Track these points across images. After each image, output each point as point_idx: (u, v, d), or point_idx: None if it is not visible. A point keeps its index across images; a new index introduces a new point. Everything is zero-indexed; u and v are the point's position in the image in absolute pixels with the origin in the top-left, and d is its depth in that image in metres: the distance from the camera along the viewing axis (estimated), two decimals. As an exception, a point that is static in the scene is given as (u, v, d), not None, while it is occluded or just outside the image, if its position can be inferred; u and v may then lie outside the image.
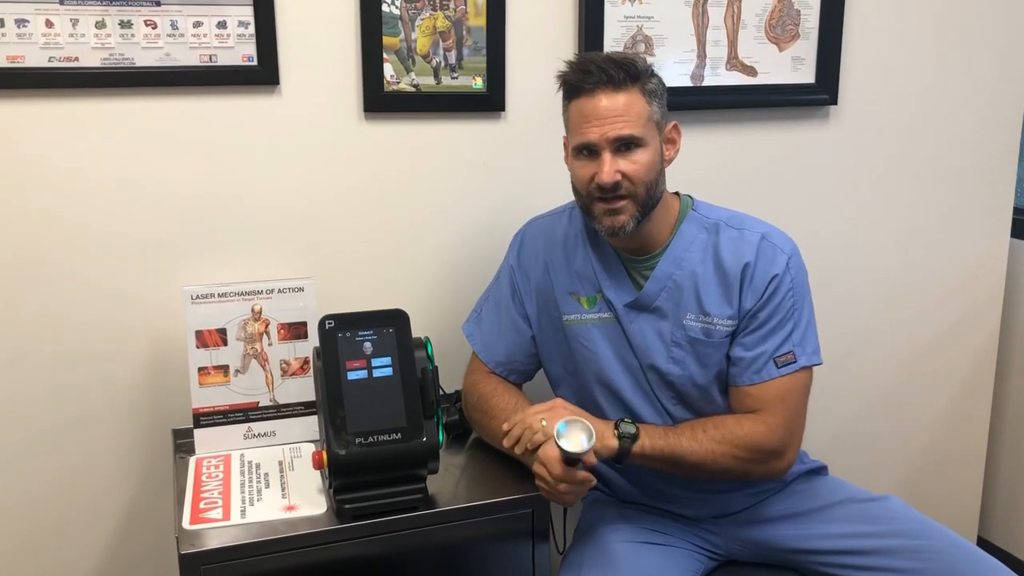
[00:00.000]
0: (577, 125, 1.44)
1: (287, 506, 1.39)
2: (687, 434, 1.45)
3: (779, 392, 1.46)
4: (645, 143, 1.42)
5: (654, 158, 1.44)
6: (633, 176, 1.42)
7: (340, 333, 1.39)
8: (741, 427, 1.45)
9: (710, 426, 1.46)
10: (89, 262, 1.62)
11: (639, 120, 1.41)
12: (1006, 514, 2.40)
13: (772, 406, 1.46)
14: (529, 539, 1.46)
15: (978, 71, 2.11)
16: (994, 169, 2.18)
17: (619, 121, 1.40)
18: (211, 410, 1.57)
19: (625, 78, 1.41)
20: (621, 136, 1.41)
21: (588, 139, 1.42)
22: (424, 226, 1.79)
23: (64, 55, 1.53)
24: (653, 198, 1.45)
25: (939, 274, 2.20)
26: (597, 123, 1.41)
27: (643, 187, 1.43)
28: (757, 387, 1.47)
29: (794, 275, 1.48)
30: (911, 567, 1.44)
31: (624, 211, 1.44)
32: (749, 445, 1.44)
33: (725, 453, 1.44)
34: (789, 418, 1.46)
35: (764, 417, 1.46)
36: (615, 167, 1.41)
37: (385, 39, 1.68)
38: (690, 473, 1.47)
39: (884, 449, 2.27)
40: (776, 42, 1.93)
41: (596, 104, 1.41)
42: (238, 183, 1.67)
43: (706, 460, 1.44)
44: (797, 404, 1.48)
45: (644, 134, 1.42)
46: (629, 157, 1.42)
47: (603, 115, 1.41)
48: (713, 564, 1.60)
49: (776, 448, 1.46)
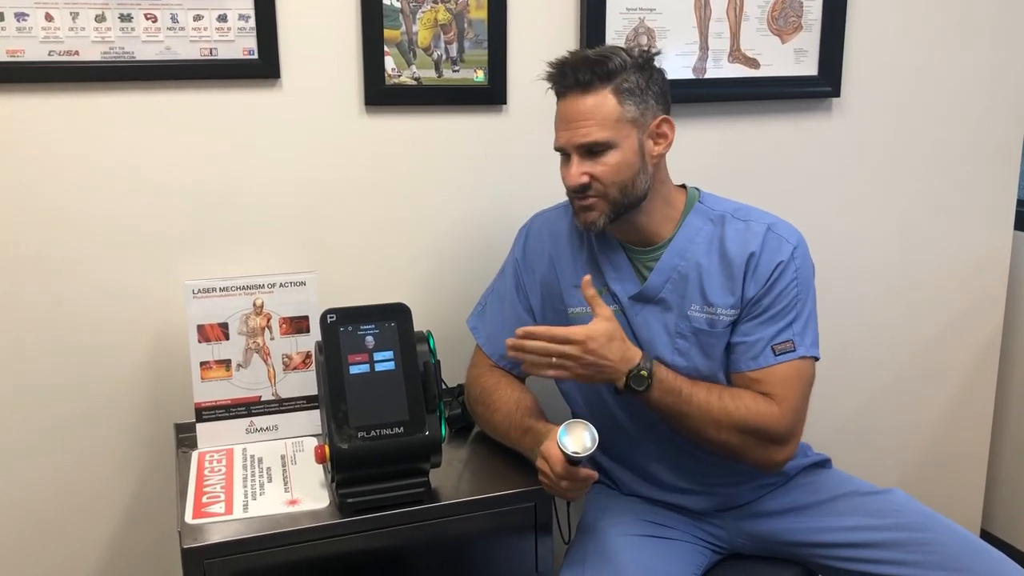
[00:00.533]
0: (556, 127, 1.47)
1: (290, 500, 1.39)
2: (705, 388, 1.44)
3: (786, 379, 1.45)
4: (614, 144, 1.41)
5: (626, 158, 1.42)
6: (601, 177, 1.42)
7: (342, 327, 1.39)
8: (757, 404, 1.43)
9: (727, 393, 1.45)
10: (90, 256, 1.62)
11: (606, 123, 1.40)
12: (1009, 507, 2.40)
13: (784, 391, 1.44)
14: (532, 532, 1.46)
15: (981, 63, 2.10)
16: (997, 161, 2.18)
17: (583, 126, 1.41)
18: (213, 404, 1.57)
19: (592, 79, 1.40)
20: (584, 143, 1.41)
21: (558, 143, 1.46)
22: (425, 219, 1.79)
23: (64, 49, 1.53)
24: (629, 196, 1.44)
25: (942, 267, 2.20)
26: (564, 128, 1.43)
27: (614, 187, 1.43)
28: (766, 372, 1.45)
29: (799, 265, 1.48)
30: (915, 560, 1.44)
31: (594, 208, 1.44)
32: (758, 424, 1.42)
33: (732, 422, 1.42)
34: (796, 407, 1.45)
35: (778, 401, 1.44)
36: (581, 170, 1.42)
37: (386, 32, 1.67)
38: (688, 429, 1.45)
39: (887, 442, 2.27)
40: (779, 34, 1.92)
41: (567, 108, 1.43)
42: (239, 177, 1.67)
43: (710, 421, 1.42)
44: (802, 395, 1.47)
45: (612, 136, 1.41)
46: (598, 160, 1.42)
47: (571, 119, 1.42)
48: (717, 557, 1.60)
49: (782, 434, 1.44)
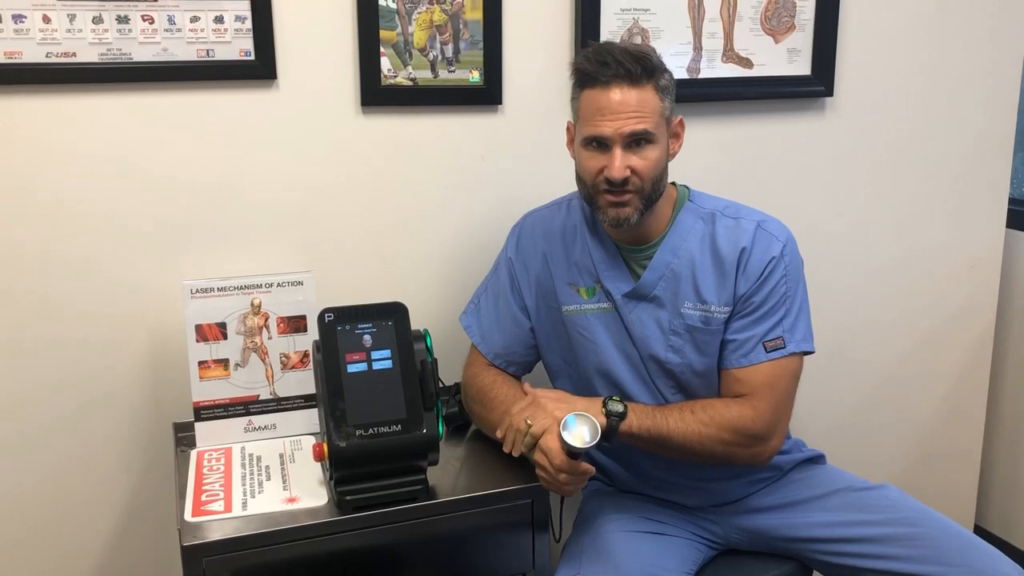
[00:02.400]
0: (589, 116, 1.43)
1: (288, 498, 1.40)
2: (675, 414, 1.46)
3: (767, 377, 1.47)
4: (656, 139, 1.43)
5: (662, 154, 1.45)
6: (642, 172, 1.42)
7: (339, 326, 1.40)
8: (729, 410, 1.46)
9: (698, 408, 1.47)
10: (88, 256, 1.62)
11: (652, 116, 1.41)
12: (1002, 502, 2.42)
13: (760, 391, 1.47)
14: (529, 529, 1.47)
15: (974, 62, 2.11)
16: (990, 159, 2.19)
17: (633, 117, 1.40)
18: (211, 404, 1.57)
19: (642, 73, 1.41)
20: (635, 132, 1.40)
21: (601, 132, 1.42)
22: (422, 219, 1.80)
23: (61, 50, 1.53)
24: (657, 192, 1.46)
25: (935, 265, 2.21)
26: (612, 117, 1.41)
27: (650, 183, 1.44)
28: (745, 371, 1.48)
29: (788, 262, 1.49)
30: (908, 555, 1.45)
31: (630, 204, 1.44)
32: (735, 428, 1.45)
33: (711, 436, 1.45)
34: (776, 403, 1.47)
35: (752, 401, 1.47)
36: (625, 163, 1.41)
37: (382, 33, 1.68)
38: (675, 454, 1.48)
39: (881, 438, 2.28)
40: (772, 34, 1.93)
41: (610, 97, 1.41)
42: (236, 177, 1.67)
43: (692, 441, 1.45)
44: (785, 390, 1.49)
45: (656, 130, 1.42)
46: (640, 153, 1.42)
47: (617, 110, 1.40)
48: (712, 553, 1.61)
49: (762, 433, 1.46)
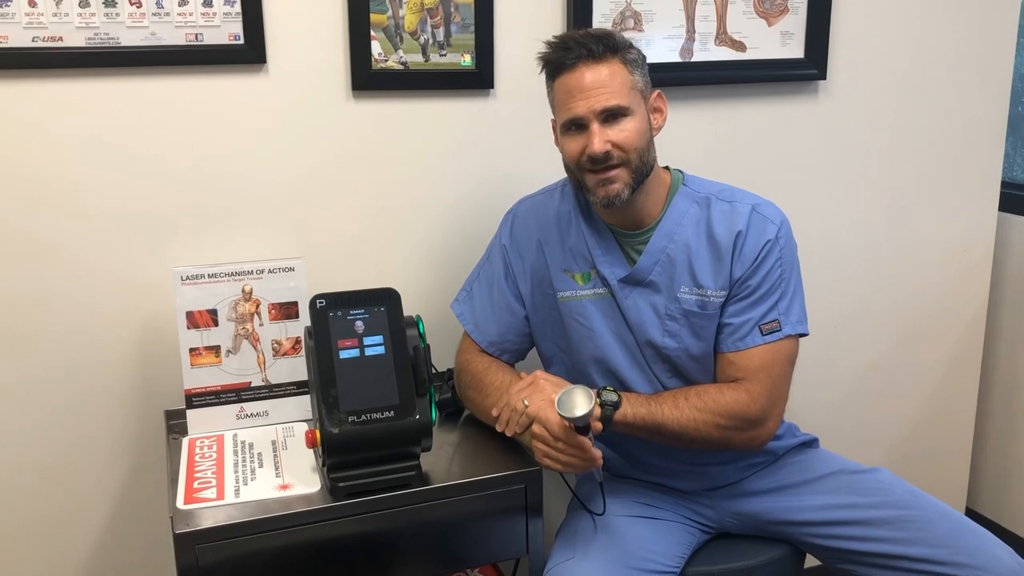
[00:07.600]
0: (563, 102, 1.44)
1: (281, 485, 1.39)
2: (669, 402, 1.46)
3: (762, 361, 1.47)
4: (631, 111, 1.43)
5: (642, 125, 1.44)
6: (623, 144, 1.42)
7: (331, 312, 1.39)
8: (723, 395, 1.46)
9: (692, 394, 1.47)
10: (78, 243, 1.61)
11: (623, 89, 1.42)
12: (994, 485, 2.43)
13: (755, 375, 1.47)
14: (523, 514, 1.47)
15: (966, 46, 2.11)
16: (982, 143, 2.19)
17: (604, 92, 1.40)
18: (203, 391, 1.57)
19: (604, 50, 1.41)
20: (607, 107, 1.41)
21: (575, 113, 1.42)
22: (414, 204, 1.79)
23: (48, 35, 1.51)
24: (646, 165, 1.46)
25: (928, 248, 2.21)
26: (582, 97, 1.41)
27: (635, 154, 1.43)
28: (740, 355, 1.48)
29: (783, 245, 1.49)
30: (901, 537, 1.46)
31: (618, 179, 1.44)
32: (731, 413, 1.45)
33: (707, 421, 1.45)
34: (771, 387, 1.47)
35: (746, 386, 1.47)
36: (604, 137, 1.41)
37: (372, 16, 1.67)
38: (672, 442, 1.48)
39: (873, 422, 2.29)
40: (765, 17, 1.92)
41: (579, 78, 1.41)
42: (226, 163, 1.66)
43: (687, 428, 1.45)
44: (780, 374, 1.49)
45: (629, 103, 1.42)
46: (617, 126, 1.42)
47: (587, 88, 1.41)
48: (706, 537, 1.62)
49: (757, 417, 1.47)
